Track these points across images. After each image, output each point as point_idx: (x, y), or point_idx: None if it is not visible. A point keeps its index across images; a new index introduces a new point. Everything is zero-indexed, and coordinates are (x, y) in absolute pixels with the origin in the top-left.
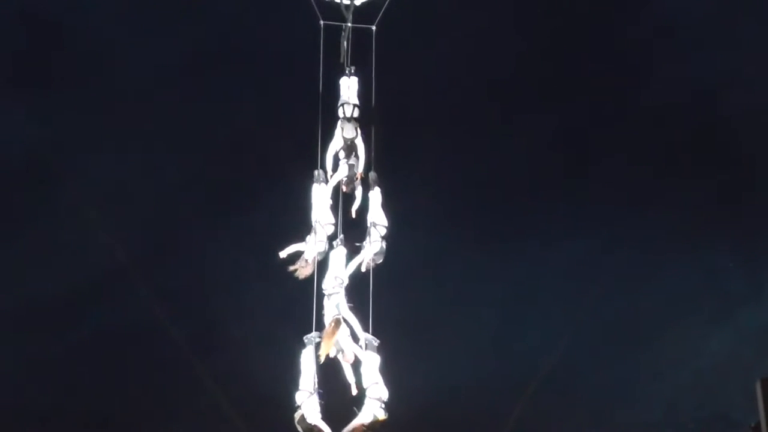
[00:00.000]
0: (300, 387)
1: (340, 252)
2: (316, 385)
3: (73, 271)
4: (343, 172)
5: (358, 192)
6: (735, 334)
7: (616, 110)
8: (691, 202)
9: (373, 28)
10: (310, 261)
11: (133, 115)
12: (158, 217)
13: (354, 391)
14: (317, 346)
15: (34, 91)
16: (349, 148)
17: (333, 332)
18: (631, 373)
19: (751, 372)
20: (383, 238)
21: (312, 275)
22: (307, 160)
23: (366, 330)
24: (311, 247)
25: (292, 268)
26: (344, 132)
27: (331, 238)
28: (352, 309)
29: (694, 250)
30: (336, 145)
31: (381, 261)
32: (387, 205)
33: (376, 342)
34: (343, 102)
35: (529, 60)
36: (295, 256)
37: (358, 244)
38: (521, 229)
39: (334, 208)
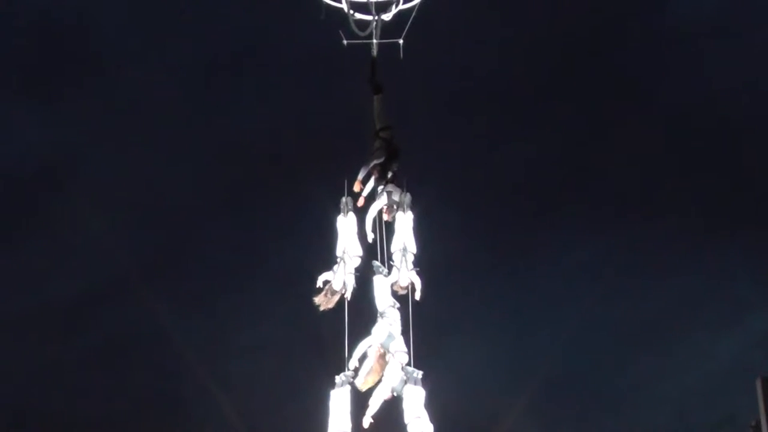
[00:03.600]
0: (330, 430)
1: (387, 281)
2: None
3: (83, 276)
4: (383, 200)
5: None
6: (743, 338)
7: (623, 115)
8: (699, 206)
9: (400, 41)
10: (338, 292)
11: (142, 121)
12: (167, 223)
13: (366, 423)
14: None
15: (44, 98)
16: (383, 175)
17: (383, 366)
18: (639, 376)
19: (759, 375)
20: (414, 264)
21: (334, 306)
22: (320, 166)
23: (407, 362)
24: (339, 279)
25: (316, 300)
26: (383, 160)
27: (358, 270)
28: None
29: (702, 253)
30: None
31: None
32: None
33: (419, 374)
34: (384, 126)
35: (535, 70)
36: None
37: (392, 263)
38: (530, 234)
39: (361, 236)
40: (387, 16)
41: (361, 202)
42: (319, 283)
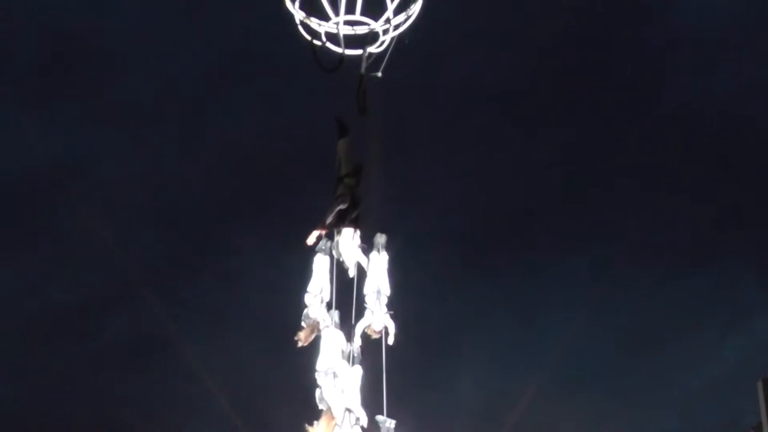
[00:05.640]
0: None
1: (338, 335)
2: None
3: (91, 281)
4: (349, 247)
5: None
6: (748, 342)
7: (628, 121)
8: (705, 210)
9: (379, 74)
10: (321, 328)
11: (153, 128)
12: (172, 228)
13: None
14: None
15: (53, 104)
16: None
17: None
18: (644, 379)
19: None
20: (388, 308)
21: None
22: (323, 173)
23: (380, 410)
24: (324, 318)
25: (300, 335)
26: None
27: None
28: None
29: (708, 257)
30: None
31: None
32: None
33: (392, 424)
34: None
35: (532, 76)
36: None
37: (366, 305)
38: (534, 237)
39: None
40: (373, 48)
41: (311, 241)
42: (311, 320)
